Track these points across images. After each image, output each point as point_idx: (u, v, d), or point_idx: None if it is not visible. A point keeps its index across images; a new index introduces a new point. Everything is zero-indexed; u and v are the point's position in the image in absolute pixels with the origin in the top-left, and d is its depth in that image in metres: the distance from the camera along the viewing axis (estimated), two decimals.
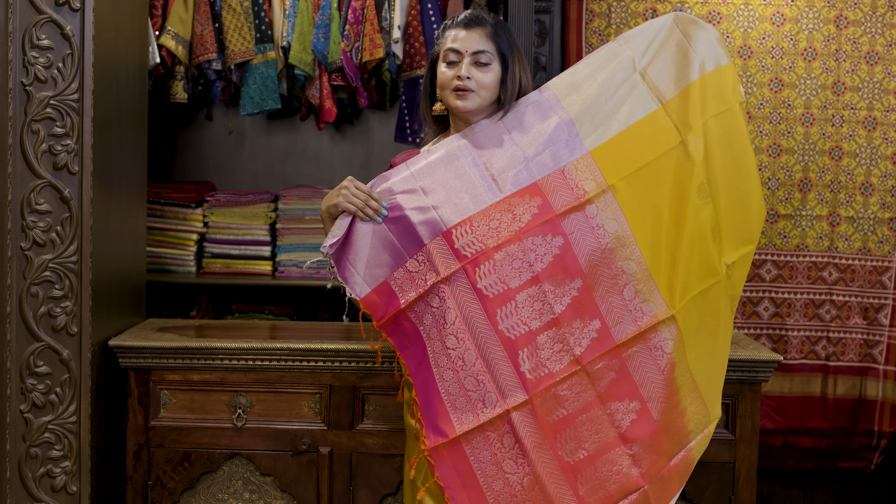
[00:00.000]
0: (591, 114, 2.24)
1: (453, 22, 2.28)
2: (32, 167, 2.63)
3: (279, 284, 3.77)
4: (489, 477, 2.17)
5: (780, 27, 3.65)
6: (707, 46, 2.28)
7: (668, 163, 2.23)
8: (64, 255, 2.66)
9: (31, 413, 2.68)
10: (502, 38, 2.25)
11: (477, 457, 2.17)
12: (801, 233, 3.70)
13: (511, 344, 2.15)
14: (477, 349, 2.15)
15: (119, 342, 2.79)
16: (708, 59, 2.28)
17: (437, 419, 2.18)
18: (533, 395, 2.15)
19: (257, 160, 4.03)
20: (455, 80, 2.22)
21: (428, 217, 2.17)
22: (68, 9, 2.62)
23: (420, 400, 2.19)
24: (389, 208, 2.19)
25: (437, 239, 2.16)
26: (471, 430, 2.16)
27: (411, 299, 2.18)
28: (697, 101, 2.25)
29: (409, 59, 3.60)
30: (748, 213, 2.29)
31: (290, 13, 3.63)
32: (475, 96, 2.24)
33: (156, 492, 2.81)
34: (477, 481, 2.17)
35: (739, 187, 2.28)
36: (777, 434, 3.73)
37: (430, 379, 2.18)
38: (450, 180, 2.20)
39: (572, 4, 3.67)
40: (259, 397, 2.81)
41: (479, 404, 2.16)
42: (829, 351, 3.70)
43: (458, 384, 2.16)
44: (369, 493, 2.81)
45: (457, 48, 2.23)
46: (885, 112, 3.66)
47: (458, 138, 2.25)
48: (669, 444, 2.22)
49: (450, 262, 2.16)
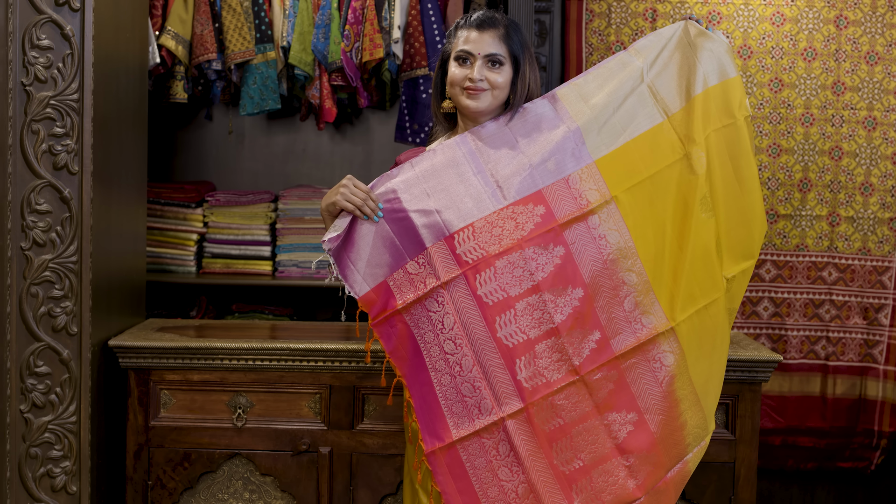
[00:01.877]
0: (598, 124, 2.23)
1: (466, 22, 2.27)
2: (32, 167, 2.63)
3: (279, 284, 3.77)
4: (484, 483, 2.16)
5: (780, 27, 3.65)
6: (713, 59, 2.27)
7: (672, 175, 2.23)
8: (64, 255, 2.66)
9: (31, 413, 2.68)
10: (514, 40, 2.25)
11: (472, 463, 2.16)
12: (800, 233, 3.70)
13: (509, 352, 2.14)
14: (474, 355, 2.14)
15: (119, 342, 2.79)
16: (712, 73, 2.27)
17: (435, 423, 2.18)
18: (529, 403, 2.14)
19: (257, 160, 4.03)
20: (466, 80, 2.22)
21: (431, 220, 2.17)
22: (68, 9, 2.62)
23: (416, 403, 2.19)
24: (393, 209, 2.19)
25: (439, 243, 2.16)
26: (467, 435, 2.16)
27: (409, 301, 2.17)
28: (700, 115, 2.24)
29: (409, 59, 3.60)
30: (749, 227, 2.29)
31: (290, 13, 3.63)
32: (487, 95, 2.23)
33: (156, 492, 2.81)
34: (472, 487, 2.16)
35: (741, 201, 2.27)
36: (777, 434, 3.73)
37: (428, 382, 2.17)
38: (454, 184, 2.20)
39: (572, 4, 3.67)
40: (259, 397, 2.81)
41: (474, 410, 2.15)
42: (829, 351, 3.70)
43: (455, 389, 2.16)
44: (369, 493, 2.81)
45: (469, 50, 2.22)
46: (885, 112, 3.66)
47: (465, 142, 2.24)
48: (667, 456, 2.22)
49: (450, 268, 2.15)
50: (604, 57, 3.68)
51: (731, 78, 2.28)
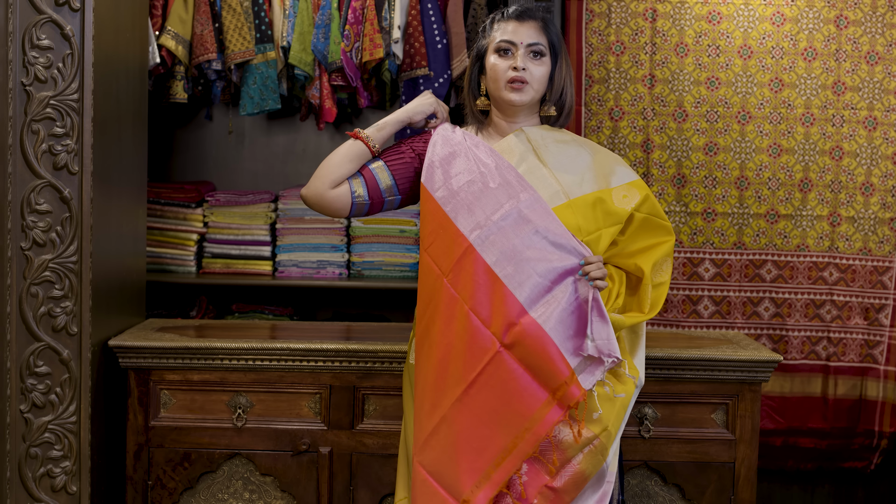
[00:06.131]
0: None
1: (503, 15, 2.29)
2: (32, 167, 2.63)
3: (279, 284, 3.77)
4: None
5: (780, 27, 3.65)
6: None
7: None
8: (64, 255, 2.66)
9: (31, 413, 2.68)
10: (552, 32, 2.28)
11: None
12: (801, 233, 3.70)
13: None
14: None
15: (119, 342, 2.79)
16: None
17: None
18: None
19: (257, 160, 4.03)
20: (510, 71, 2.23)
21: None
22: (68, 9, 2.62)
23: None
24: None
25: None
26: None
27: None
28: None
29: (409, 59, 3.60)
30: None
31: (290, 13, 3.63)
32: (529, 89, 2.25)
33: (156, 492, 2.81)
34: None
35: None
36: (777, 434, 3.73)
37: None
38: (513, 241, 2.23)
39: (572, 4, 3.67)
40: (259, 397, 2.81)
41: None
42: (830, 351, 3.70)
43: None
44: (369, 493, 2.81)
45: (511, 40, 2.24)
46: (886, 112, 3.66)
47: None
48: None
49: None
50: (604, 57, 3.68)
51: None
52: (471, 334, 2.16)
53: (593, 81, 3.69)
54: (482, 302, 2.16)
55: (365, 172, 2.30)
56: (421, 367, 2.25)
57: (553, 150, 2.30)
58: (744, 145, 3.67)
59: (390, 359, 2.76)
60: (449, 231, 2.20)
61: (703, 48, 3.66)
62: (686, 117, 3.67)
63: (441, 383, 2.19)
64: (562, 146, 2.32)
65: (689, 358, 2.74)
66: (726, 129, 3.67)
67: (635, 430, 2.76)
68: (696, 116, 3.67)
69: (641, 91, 3.68)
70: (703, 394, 2.76)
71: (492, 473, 2.15)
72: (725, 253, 3.71)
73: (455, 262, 2.18)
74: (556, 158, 2.29)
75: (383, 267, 3.76)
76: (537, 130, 2.33)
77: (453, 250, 2.19)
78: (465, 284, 2.17)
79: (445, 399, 2.18)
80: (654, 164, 3.69)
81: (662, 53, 3.66)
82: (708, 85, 3.67)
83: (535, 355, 2.13)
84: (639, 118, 3.68)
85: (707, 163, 3.68)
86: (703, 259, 3.72)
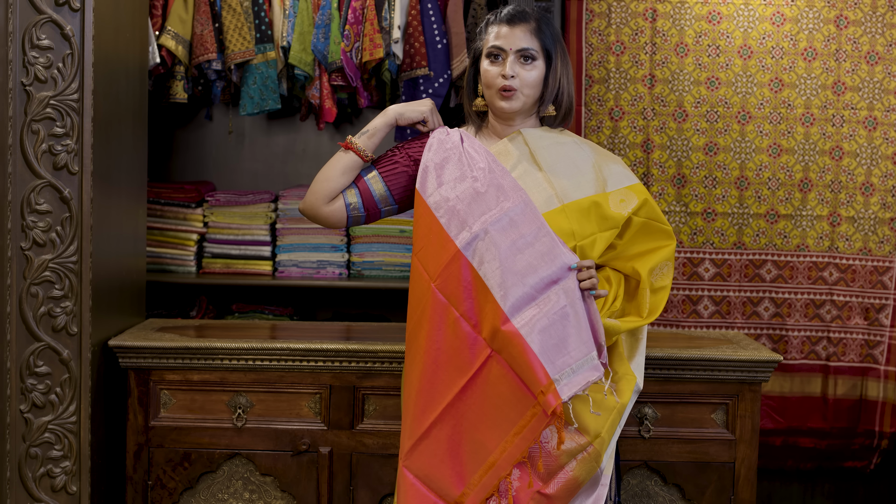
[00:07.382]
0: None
1: (496, 17, 2.27)
2: (32, 167, 2.63)
3: (279, 284, 3.77)
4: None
5: (780, 27, 3.65)
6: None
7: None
8: (64, 255, 2.66)
9: (31, 413, 2.68)
10: (546, 34, 2.25)
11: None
12: (801, 233, 3.70)
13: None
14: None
15: (119, 342, 2.79)
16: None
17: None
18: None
19: (257, 160, 4.04)
20: (500, 78, 2.22)
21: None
22: (68, 9, 2.62)
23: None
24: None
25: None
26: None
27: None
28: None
29: (409, 59, 3.60)
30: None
31: (290, 13, 3.62)
32: (519, 95, 2.24)
33: (156, 492, 2.81)
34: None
35: None
36: (777, 434, 3.73)
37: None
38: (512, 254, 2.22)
39: (572, 4, 3.67)
40: (259, 397, 2.81)
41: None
42: (830, 351, 3.70)
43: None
44: (369, 493, 2.81)
45: (501, 45, 2.23)
46: (886, 112, 3.66)
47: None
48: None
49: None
50: (604, 57, 3.68)
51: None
52: (461, 339, 2.15)
53: (593, 81, 3.69)
54: (471, 307, 2.15)
55: (360, 184, 2.31)
56: (408, 372, 2.24)
57: (550, 152, 2.29)
58: (744, 145, 3.67)
59: (390, 359, 2.76)
60: (438, 236, 2.19)
61: (703, 48, 3.66)
62: (686, 117, 3.67)
63: (430, 388, 2.18)
64: (559, 148, 2.30)
65: (689, 358, 2.74)
66: (726, 129, 3.67)
67: (635, 430, 2.76)
68: (696, 116, 3.67)
69: (641, 91, 3.68)
70: (703, 394, 2.76)
71: (483, 477, 2.14)
72: (725, 253, 3.71)
73: (443, 268, 2.17)
74: (553, 161, 2.27)
75: (383, 267, 3.76)
76: (535, 132, 2.32)
77: (442, 256, 2.18)
78: (453, 290, 2.16)
79: (436, 403, 2.17)
80: (654, 164, 3.69)
81: (662, 53, 3.66)
82: (708, 85, 3.67)
83: (517, 362, 2.12)
84: (639, 118, 3.69)
85: (707, 163, 3.68)
86: (703, 259, 3.72)
